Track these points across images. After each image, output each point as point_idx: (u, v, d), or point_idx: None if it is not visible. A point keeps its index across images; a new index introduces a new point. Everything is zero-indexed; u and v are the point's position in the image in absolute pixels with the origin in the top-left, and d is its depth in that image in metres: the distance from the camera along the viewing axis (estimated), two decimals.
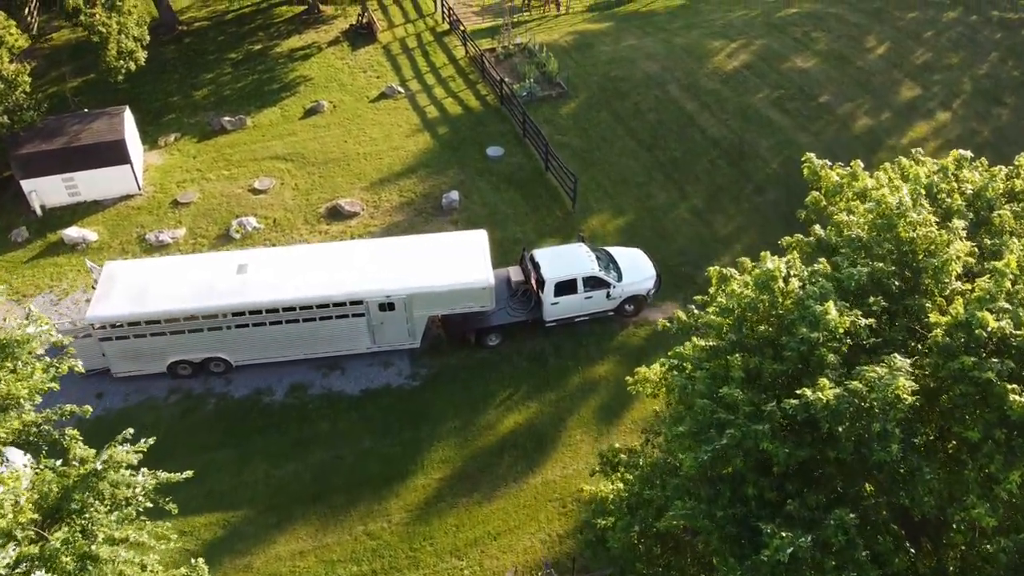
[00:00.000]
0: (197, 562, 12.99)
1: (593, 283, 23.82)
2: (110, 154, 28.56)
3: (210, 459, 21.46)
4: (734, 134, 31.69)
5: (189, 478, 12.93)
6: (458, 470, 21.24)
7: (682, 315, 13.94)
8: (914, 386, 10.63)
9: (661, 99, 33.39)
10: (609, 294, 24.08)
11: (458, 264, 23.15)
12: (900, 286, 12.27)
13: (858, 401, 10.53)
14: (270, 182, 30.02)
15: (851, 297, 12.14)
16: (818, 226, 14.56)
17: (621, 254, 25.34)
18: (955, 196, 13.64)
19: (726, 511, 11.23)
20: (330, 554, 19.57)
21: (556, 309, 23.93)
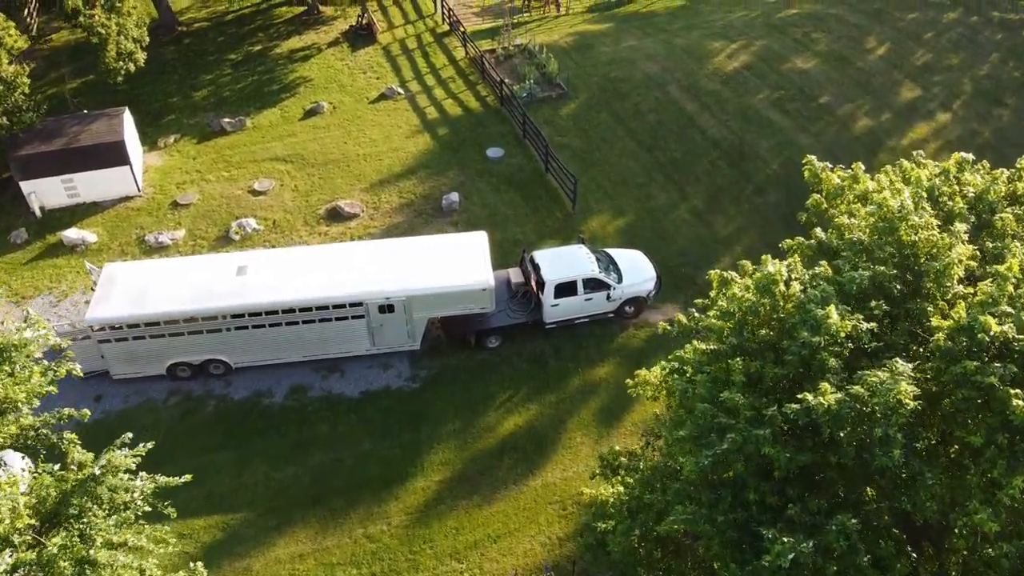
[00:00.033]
0: (196, 566, 12.92)
1: (593, 285, 23.77)
2: (109, 155, 28.51)
3: (209, 461, 21.41)
4: (734, 135, 31.64)
5: (188, 480, 12.90)
6: (458, 472, 21.19)
7: (682, 318, 13.89)
8: (916, 391, 10.58)
9: (661, 100, 33.35)
10: (609, 296, 24.03)
11: (458, 266, 23.11)
12: (902, 290, 12.21)
13: (860, 406, 10.48)
14: (270, 183, 29.97)
15: (852, 301, 12.08)
16: (819, 229, 14.51)
17: (621, 256, 25.30)
18: (957, 199, 13.58)
19: (727, 516, 11.18)
20: (330, 557, 19.51)
21: (556, 311, 23.88)
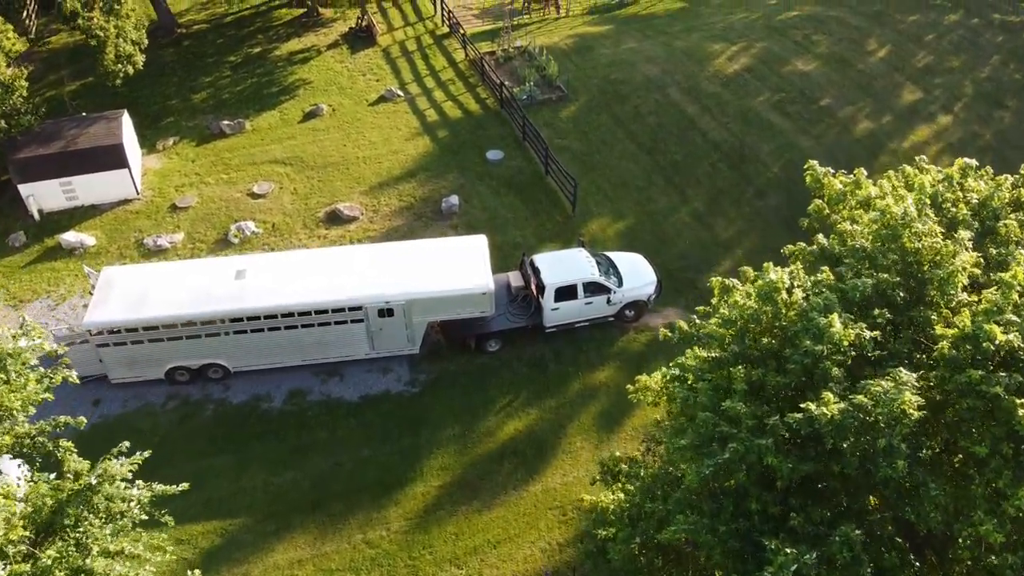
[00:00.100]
0: (194, 573, 12.83)
1: (593, 288, 23.68)
2: (108, 158, 28.42)
3: (208, 466, 21.32)
4: (735, 137, 31.55)
5: (186, 489, 12.81)
6: (457, 477, 21.09)
7: (684, 325, 13.79)
8: (920, 401, 10.48)
9: (661, 102, 33.26)
10: (609, 300, 23.94)
11: (458, 269, 23.02)
12: (905, 297, 12.12)
13: (863, 416, 10.38)
14: (269, 186, 29.88)
15: (855, 308, 11.98)
16: (821, 235, 14.40)
17: (621, 259, 25.21)
18: (960, 206, 13.48)
19: (728, 526, 11.08)
20: (329, 563, 19.41)
21: (556, 315, 23.79)
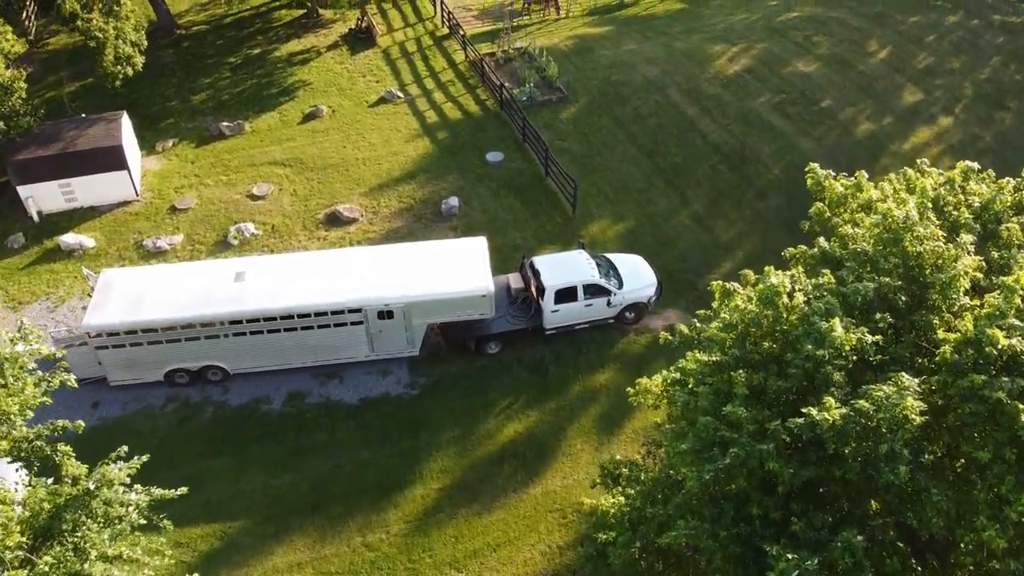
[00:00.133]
0: None
1: (593, 290, 23.63)
2: (107, 160, 28.37)
3: (207, 468, 21.27)
4: (735, 139, 31.51)
5: (185, 493, 12.76)
6: (457, 480, 21.03)
7: (684, 328, 13.74)
8: (923, 406, 10.42)
9: (662, 104, 33.21)
10: (610, 302, 23.89)
11: (457, 272, 22.97)
12: (907, 301, 12.06)
13: (865, 421, 10.33)
14: (268, 188, 29.83)
15: (857, 312, 11.93)
16: (822, 238, 14.35)
17: (622, 261, 25.16)
18: (962, 209, 13.43)
19: (729, 531, 11.02)
20: (328, 566, 19.35)
21: (556, 317, 23.74)
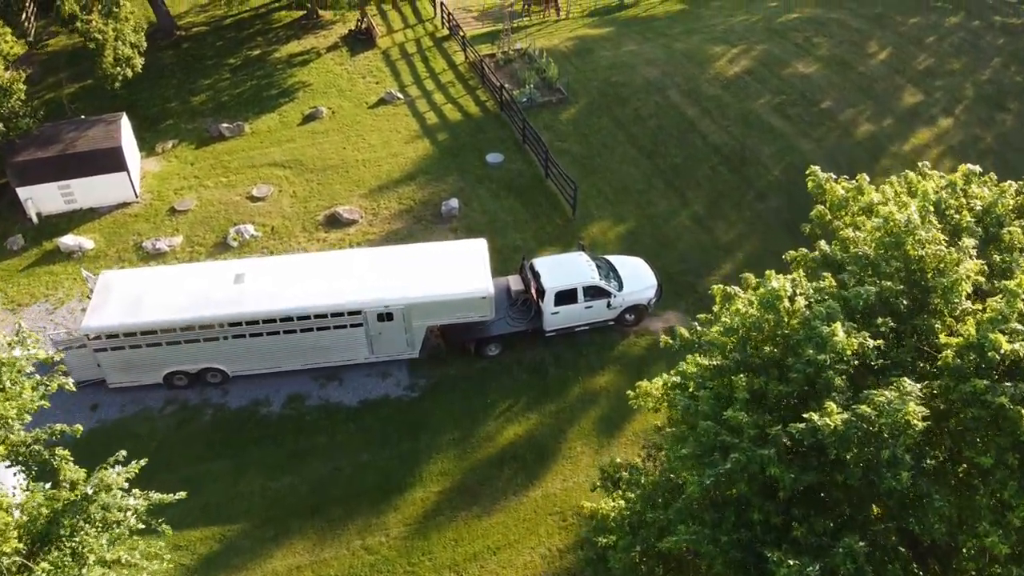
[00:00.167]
0: None
1: (593, 292, 23.58)
2: (107, 161, 28.32)
3: (206, 471, 21.22)
4: (735, 140, 31.46)
5: (183, 497, 12.72)
6: (457, 483, 20.98)
7: (684, 332, 13.69)
8: (925, 412, 10.37)
9: (662, 105, 33.17)
10: (610, 303, 23.84)
11: (457, 273, 22.92)
12: (908, 305, 12.01)
13: (866, 426, 10.27)
14: (268, 189, 29.79)
15: (858, 316, 11.87)
16: (823, 242, 14.29)
17: (622, 263, 25.11)
18: (964, 213, 13.37)
19: (730, 536, 10.97)
20: (327, 569, 19.29)
21: (556, 319, 23.69)
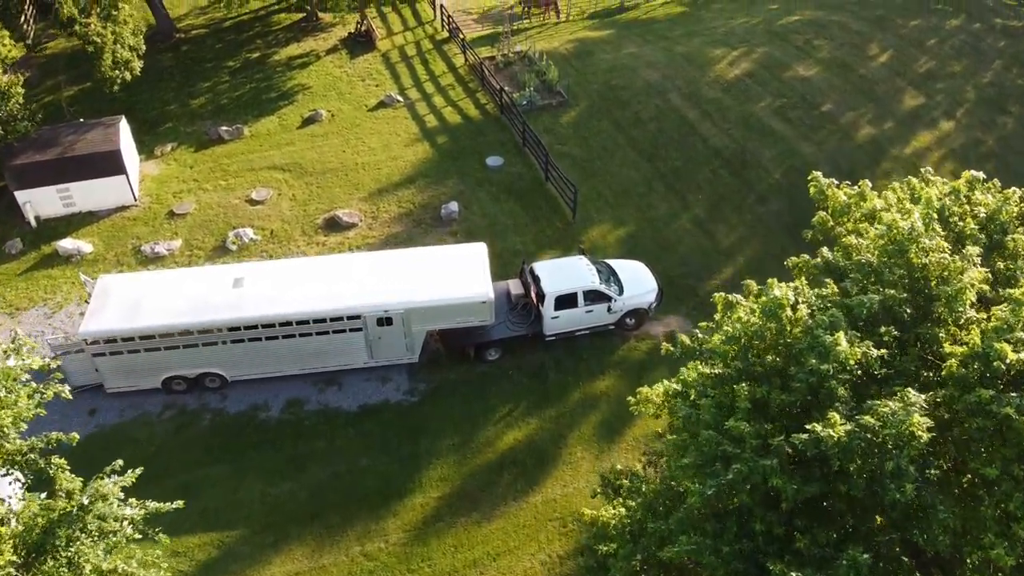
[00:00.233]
0: None
1: (594, 297, 23.49)
2: (105, 165, 28.23)
3: (204, 476, 21.14)
4: (736, 143, 31.37)
5: (180, 507, 12.64)
6: (457, 488, 20.88)
7: (686, 339, 13.59)
8: (929, 423, 10.26)
9: (662, 108, 33.08)
10: (610, 308, 23.75)
11: (457, 278, 22.84)
12: (912, 314, 11.91)
13: (870, 437, 10.17)
14: (267, 193, 29.69)
15: (861, 325, 11.76)
16: (825, 248, 14.19)
17: (622, 267, 25.02)
18: (968, 220, 13.28)
19: (732, 546, 10.87)
20: None
21: (556, 323, 23.60)
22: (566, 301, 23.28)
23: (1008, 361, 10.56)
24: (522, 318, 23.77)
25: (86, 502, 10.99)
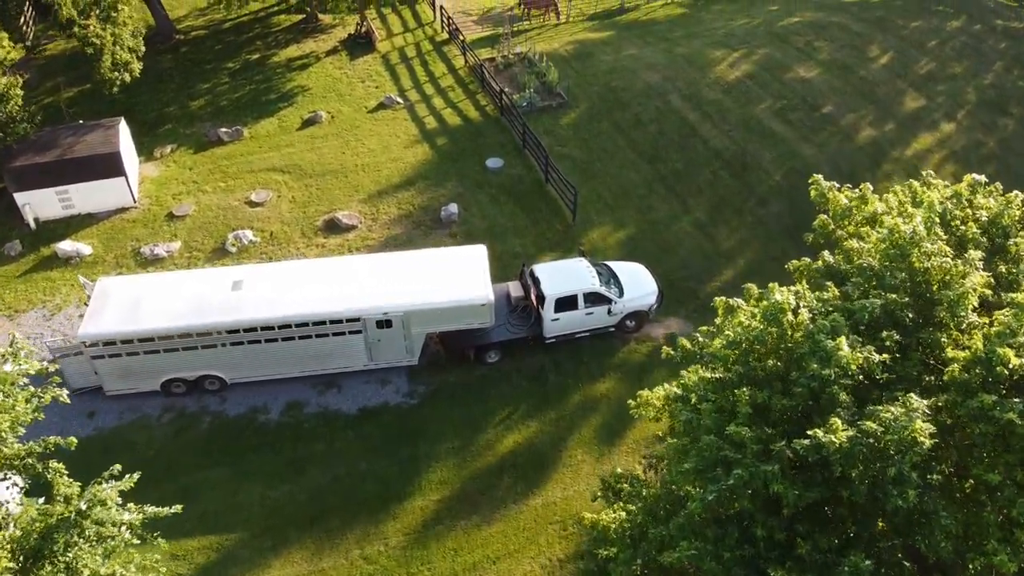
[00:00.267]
0: None
1: (594, 299, 23.45)
2: (105, 166, 28.18)
3: (204, 479, 21.08)
4: (736, 145, 31.33)
5: (179, 512, 12.58)
6: (456, 491, 20.83)
7: (686, 343, 13.54)
8: (932, 429, 10.22)
9: (662, 109, 33.04)
10: (610, 310, 23.70)
11: (457, 280, 22.79)
12: (914, 318, 11.86)
13: (872, 442, 10.12)
14: (267, 194, 29.65)
15: (863, 329, 11.72)
16: (827, 252, 14.14)
17: (622, 269, 24.98)
18: (970, 224, 13.23)
19: (733, 552, 10.82)
20: None
21: (556, 325, 23.55)
22: (566, 303, 23.23)
23: (1011, 366, 10.52)
24: (522, 320, 23.72)
25: (84, 507, 10.94)
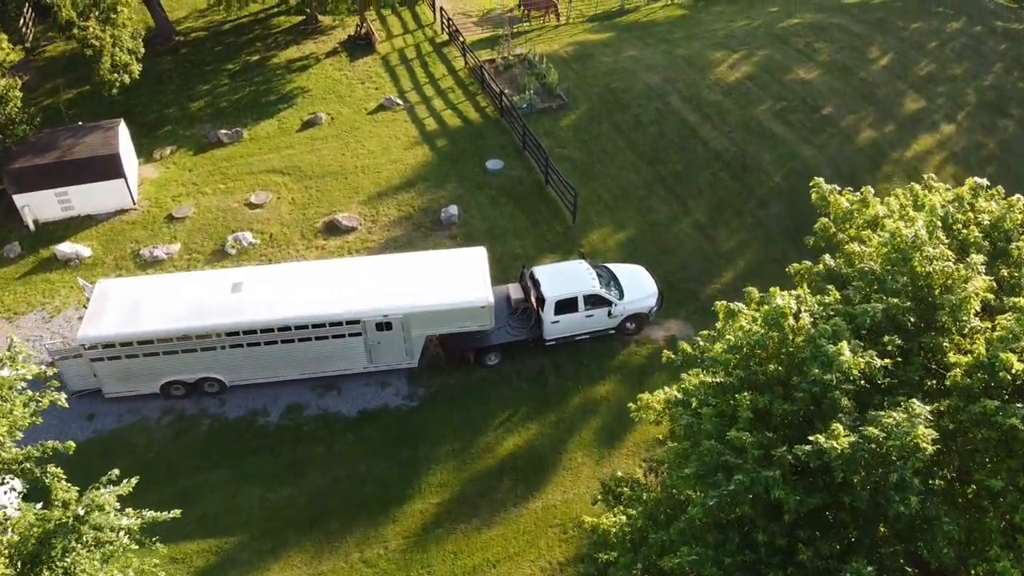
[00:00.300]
0: None
1: (594, 301, 23.40)
2: (104, 168, 28.14)
3: (203, 481, 21.04)
4: (736, 147, 31.30)
5: (178, 516, 12.53)
6: (456, 494, 20.79)
7: (687, 346, 13.50)
8: (934, 435, 10.17)
9: (662, 111, 33.01)
10: (610, 312, 23.66)
11: (457, 282, 22.75)
12: (916, 323, 11.81)
13: (874, 447, 10.08)
14: (266, 196, 29.60)
15: (864, 333, 11.67)
16: (828, 256, 14.09)
17: (622, 271, 24.94)
18: (972, 227, 13.19)
19: (734, 558, 10.78)
20: None
21: (556, 328, 23.51)
22: (566, 305, 23.19)
23: (1013, 371, 10.47)
24: (522, 322, 23.68)
25: (82, 512, 10.90)
